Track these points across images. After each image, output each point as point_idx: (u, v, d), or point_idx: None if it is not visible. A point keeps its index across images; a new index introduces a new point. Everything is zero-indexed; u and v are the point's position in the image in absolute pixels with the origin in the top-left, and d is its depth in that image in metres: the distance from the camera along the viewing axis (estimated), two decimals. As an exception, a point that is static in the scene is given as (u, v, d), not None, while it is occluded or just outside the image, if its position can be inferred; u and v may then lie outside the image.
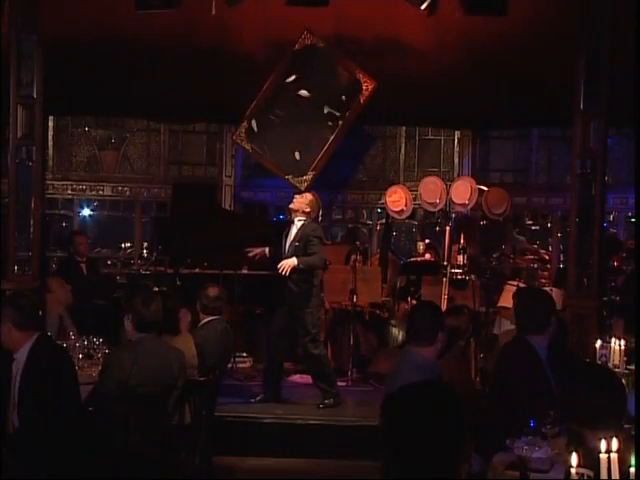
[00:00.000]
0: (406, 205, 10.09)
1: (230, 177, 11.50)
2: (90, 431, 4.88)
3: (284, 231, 7.76)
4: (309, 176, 9.30)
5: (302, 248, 7.46)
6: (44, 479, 4.53)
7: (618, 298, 8.80)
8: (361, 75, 9.25)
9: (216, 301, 6.78)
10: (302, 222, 7.57)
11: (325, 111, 9.38)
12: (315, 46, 9.26)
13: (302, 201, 7.64)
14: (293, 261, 7.40)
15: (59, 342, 5.91)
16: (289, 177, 9.48)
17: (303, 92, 9.33)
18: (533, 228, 12.06)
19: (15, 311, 5.02)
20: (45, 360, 4.84)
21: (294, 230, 7.59)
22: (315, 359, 7.59)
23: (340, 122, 9.37)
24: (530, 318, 4.85)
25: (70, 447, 4.66)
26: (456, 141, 11.57)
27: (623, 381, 4.25)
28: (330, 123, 9.39)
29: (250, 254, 7.93)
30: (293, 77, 9.32)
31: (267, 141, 9.53)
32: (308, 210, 7.60)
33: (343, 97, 9.32)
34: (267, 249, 7.81)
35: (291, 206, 7.69)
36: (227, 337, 6.82)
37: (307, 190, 8.64)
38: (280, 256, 7.59)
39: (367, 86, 9.24)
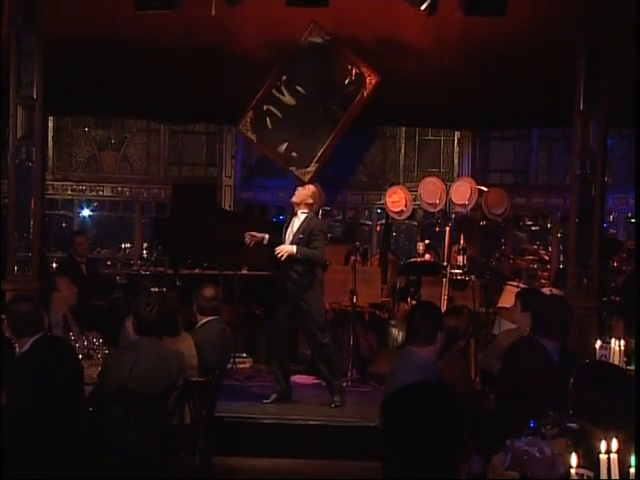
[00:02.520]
0: (406, 205, 10.09)
1: (230, 177, 11.50)
2: (90, 431, 4.89)
3: (285, 224, 7.73)
4: (312, 168, 9.29)
5: (305, 241, 7.44)
6: (44, 479, 4.54)
7: (618, 298, 8.80)
8: (365, 69, 9.25)
9: (212, 301, 6.75)
10: (305, 215, 7.53)
11: (329, 103, 9.37)
12: (321, 39, 9.26)
13: (305, 193, 7.59)
14: (292, 249, 7.39)
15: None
16: (293, 169, 9.47)
17: (300, 89, 9.33)
18: (533, 228, 12.06)
19: (9, 319, 5.05)
20: (38, 362, 4.83)
21: (297, 223, 7.53)
22: (324, 348, 7.58)
23: (344, 115, 9.37)
24: (552, 322, 4.88)
25: (70, 447, 4.66)
26: (456, 141, 11.57)
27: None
28: (334, 116, 9.39)
29: (249, 238, 7.70)
30: (284, 78, 9.32)
31: (271, 132, 9.51)
32: (311, 202, 7.55)
33: (347, 90, 9.33)
34: (267, 236, 7.64)
35: (293, 199, 7.63)
36: (225, 337, 6.80)
37: (310, 182, 8.61)
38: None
39: (371, 80, 9.25)
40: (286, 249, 7.41)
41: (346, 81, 9.32)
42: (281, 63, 9.41)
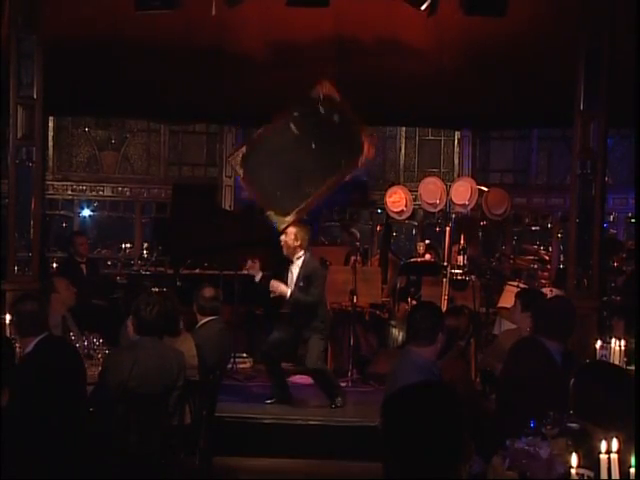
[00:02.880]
0: (406, 206, 10.09)
1: (230, 178, 11.49)
2: (90, 431, 4.88)
3: (285, 268, 7.72)
4: (291, 217, 9.06)
5: (305, 287, 7.48)
6: (43, 479, 4.53)
7: (618, 298, 8.80)
8: (366, 138, 9.15)
9: (212, 301, 6.75)
10: (301, 258, 7.57)
11: (322, 162, 9.22)
12: (330, 97, 9.15)
13: (289, 239, 7.59)
14: (286, 292, 7.45)
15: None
16: (271, 213, 9.27)
17: (301, 138, 9.19)
18: (533, 228, 12.06)
19: (15, 318, 5.02)
20: (42, 363, 4.82)
21: (296, 270, 7.56)
22: (315, 371, 7.63)
23: (335, 176, 9.19)
24: (555, 324, 4.87)
25: (70, 447, 4.66)
26: (456, 141, 11.57)
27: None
28: (325, 174, 9.23)
29: (247, 266, 7.81)
30: (292, 125, 9.19)
31: (260, 172, 9.32)
32: (298, 243, 7.58)
33: (344, 153, 9.19)
34: (260, 275, 7.67)
35: (284, 253, 7.63)
36: (225, 337, 6.81)
37: (283, 231, 8.62)
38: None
39: (369, 150, 9.16)
40: (281, 289, 7.45)
41: (345, 144, 9.19)
42: (285, 112, 9.25)
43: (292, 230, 7.69)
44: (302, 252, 7.59)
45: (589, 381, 3.44)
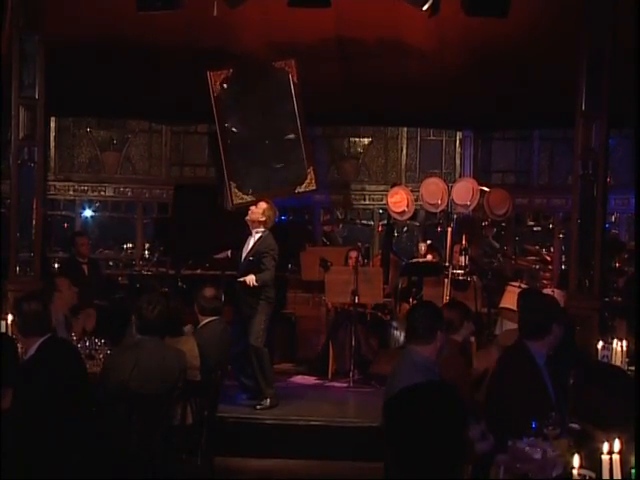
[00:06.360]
0: (408, 206, 10.09)
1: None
2: (92, 431, 4.89)
3: (244, 241, 7.81)
4: (247, 200, 8.98)
5: (255, 262, 7.57)
6: (44, 479, 4.54)
7: (620, 299, 8.79)
8: (311, 172, 9.21)
9: (213, 301, 6.75)
10: (259, 234, 7.69)
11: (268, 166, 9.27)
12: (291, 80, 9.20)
13: (256, 211, 7.74)
14: (252, 278, 7.45)
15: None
16: (232, 184, 9.20)
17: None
18: (535, 229, 12.05)
19: (17, 318, 4.99)
20: (46, 366, 4.81)
21: (251, 242, 7.72)
22: (255, 350, 7.52)
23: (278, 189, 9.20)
24: (531, 321, 4.82)
25: (72, 448, 4.67)
26: (458, 142, 11.56)
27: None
28: (270, 182, 9.22)
29: (216, 255, 8.21)
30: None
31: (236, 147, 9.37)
32: (263, 219, 7.70)
33: (289, 172, 9.23)
34: (229, 252, 8.06)
35: (247, 218, 7.78)
36: (227, 338, 6.81)
37: (236, 208, 8.71)
38: (238, 263, 7.79)
39: (309, 184, 9.22)
40: (251, 279, 7.45)
41: (293, 166, 9.23)
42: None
43: (263, 205, 7.82)
44: (263, 229, 7.68)
45: (588, 383, 3.44)
